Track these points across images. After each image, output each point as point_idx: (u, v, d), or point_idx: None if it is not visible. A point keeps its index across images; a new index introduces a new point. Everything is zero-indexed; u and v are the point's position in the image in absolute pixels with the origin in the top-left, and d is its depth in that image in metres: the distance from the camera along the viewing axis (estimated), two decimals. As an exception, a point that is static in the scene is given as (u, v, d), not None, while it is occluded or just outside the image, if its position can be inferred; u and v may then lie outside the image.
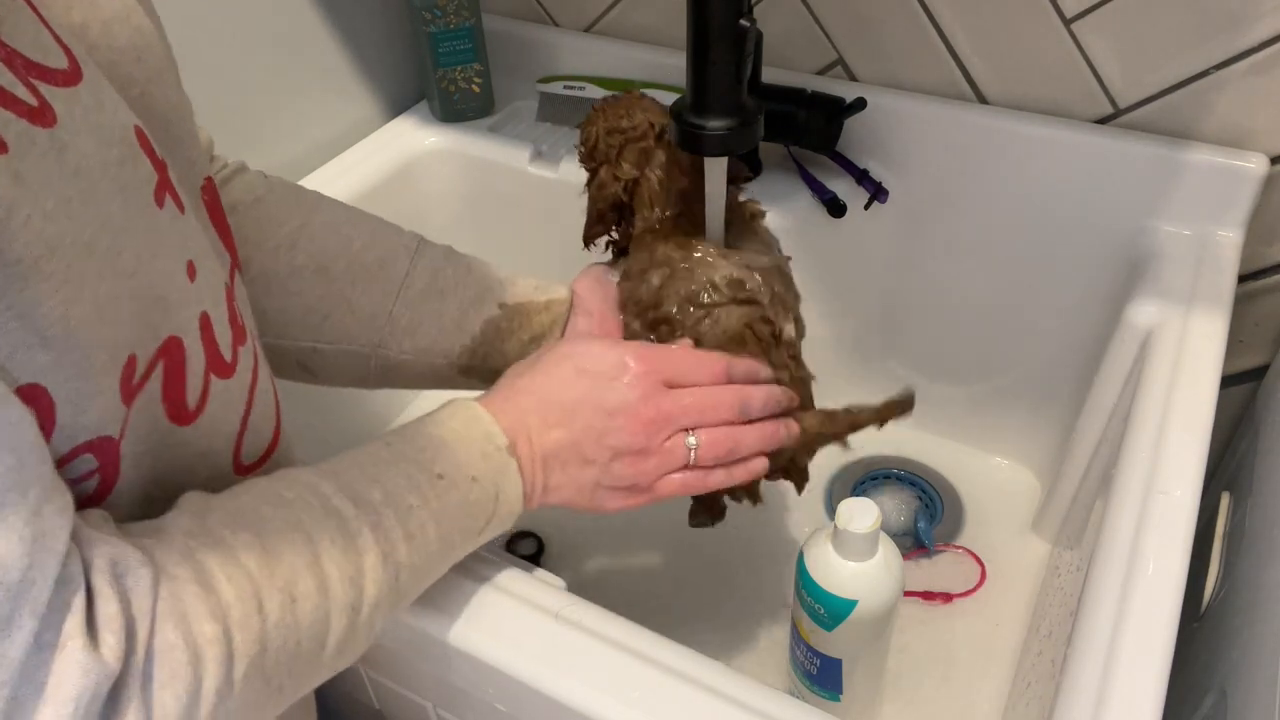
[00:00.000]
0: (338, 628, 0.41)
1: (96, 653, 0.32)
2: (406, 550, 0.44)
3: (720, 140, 0.56)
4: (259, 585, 0.38)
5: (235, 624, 0.36)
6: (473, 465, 0.48)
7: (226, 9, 0.82)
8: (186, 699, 0.34)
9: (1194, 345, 0.66)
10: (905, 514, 0.90)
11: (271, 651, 0.38)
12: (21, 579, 0.30)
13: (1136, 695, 0.47)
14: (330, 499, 0.42)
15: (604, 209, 0.64)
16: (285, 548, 0.39)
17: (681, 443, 0.53)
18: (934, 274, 0.89)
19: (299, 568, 0.39)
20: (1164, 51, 0.74)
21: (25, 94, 0.33)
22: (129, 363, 0.37)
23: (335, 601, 0.41)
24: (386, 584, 0.43)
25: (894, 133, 0.84)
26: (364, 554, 0.42)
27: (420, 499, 0.45)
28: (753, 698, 0.48)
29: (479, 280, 0.62)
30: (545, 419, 0.51)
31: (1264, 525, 0.63)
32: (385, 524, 0.43)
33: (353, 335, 0.60)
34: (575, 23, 0.99)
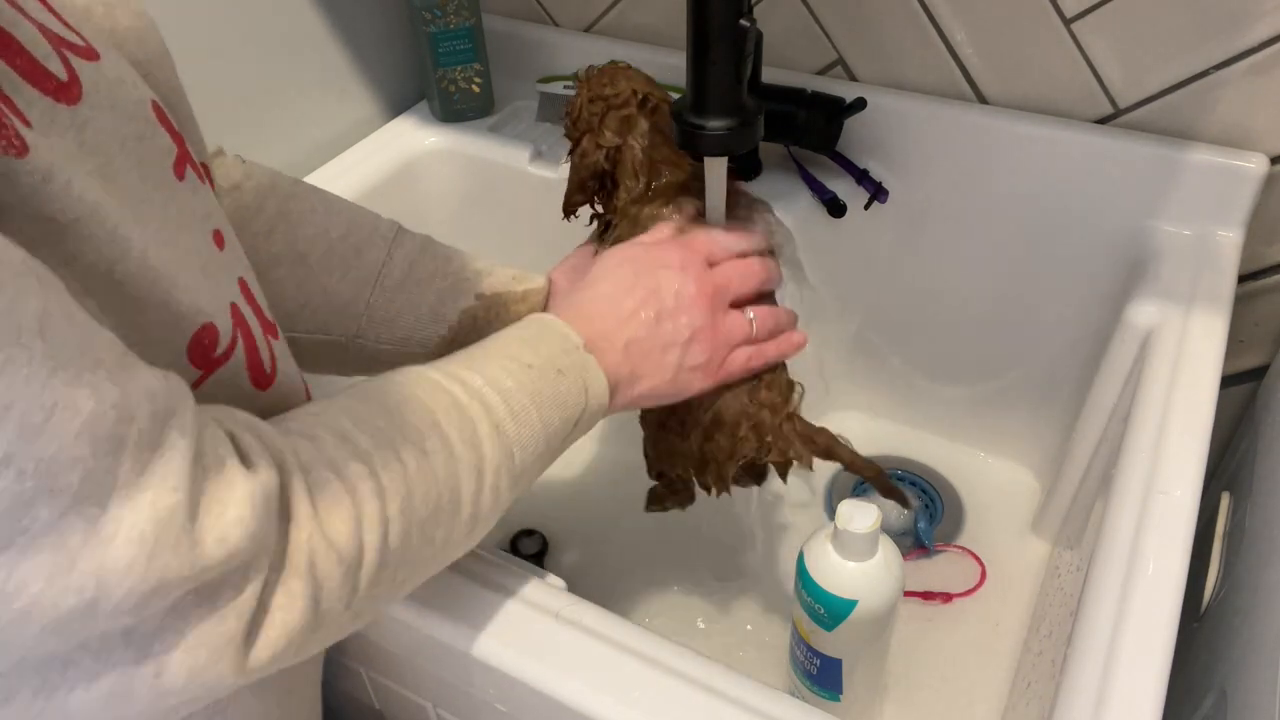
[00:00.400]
0: (469, 487, 0.44)
1: (252, 470, 0.35)
2: (514, 427, 0.47)
3: (720, 140, 0.56)
4: (393, 438, 0.41)
5: (379, 466, 0.40)
6: (556, 360, 0.50)
7: (226, 9, 0.82)
8: (353, 522, 0.38)
9: (1194, 345, 0.66)
10: (905, 514, 0.90)
11: (418, 497, 0.41)
12: (167, 407, 0.32)
13: (1136, 695, 0.47)
14: (439, 380, 0.46)
15: (585, 177, 0.64)
16: (407, 412, 0.43)
17: (741, 317, 0.58)
18: (934, 274, 0.89)
19: (423, 428, 0.43)
20: (1164, 51, 0.74)
21: (58, 66, 0.34)
22: (205, 330, 0.39)
23: (461, 461, 0.44)
24: (503, 452, 0.46)
25: (894, 133, 0.84)
26: (477, 422, 0.45)
27: (517, 383, 0.48)
28: (753, 698, 0.48)
29: (456, 270, 0.62)
30: (620, 316, 0.55)
31: (1264, 525, 0.63)
32: (490, 401, 0.46)
33: (330, 325, 0.60)
34: (575, 23, 0.99)
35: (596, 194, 0.65)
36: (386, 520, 0.39)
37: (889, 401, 0.98)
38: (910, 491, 0.93)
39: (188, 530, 0.32)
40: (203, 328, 0.39)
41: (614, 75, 0.63)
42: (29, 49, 0.33)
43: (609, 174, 0.63)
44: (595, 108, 0.62)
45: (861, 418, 0.99)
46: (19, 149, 0.31)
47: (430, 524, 0.42)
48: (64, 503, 0.29)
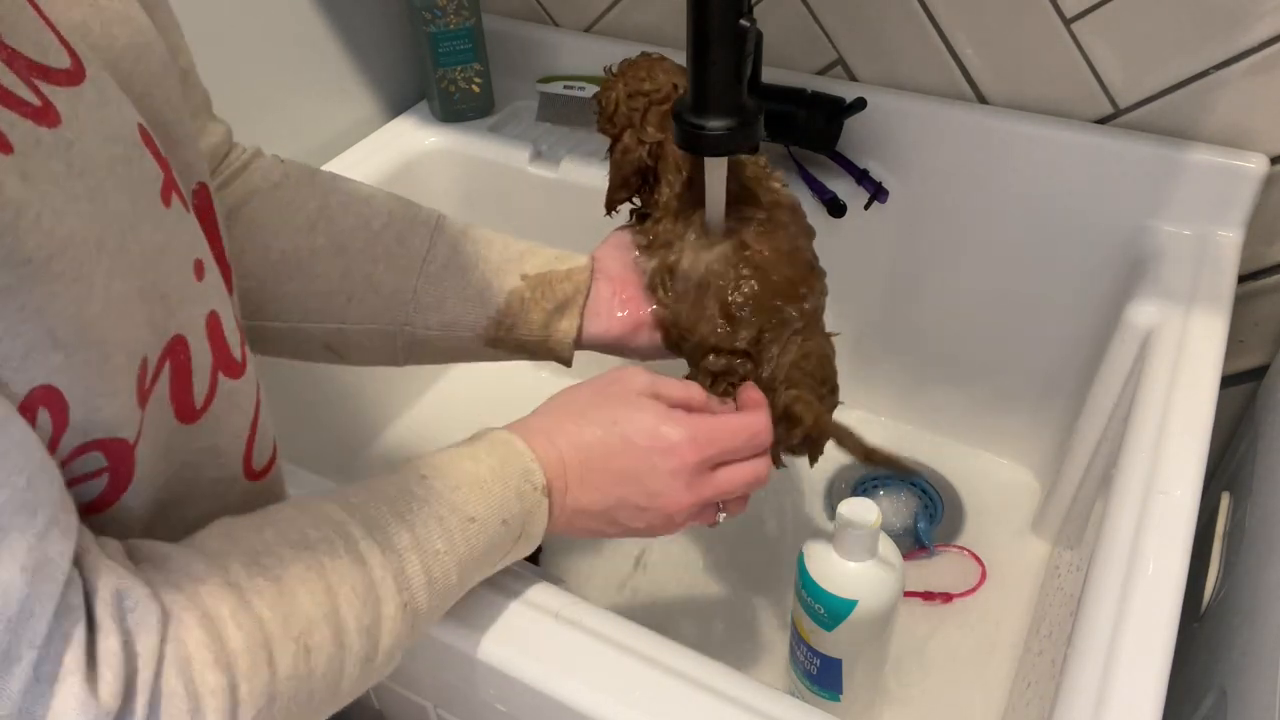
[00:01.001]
0: (351, 675, 0.41)
1: (94, 690, 0.31)
2: (426, 596, 0.44)
3: (720, 140, 0.56)
4: (271, 635, 0.37)
5: (242, 675, 0.35)
6: (506, 506, 0.48)
7: (227, 10, 0.82)
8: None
9: (1194, 345, 0.66)
10: (905, 514, 0.90)
11: (281, 702, 0.37)
12: (20, 610, 0.29)
13: (1136, 695, 0.47)
14: (358, 543, 0.41)
15: (629, 174, 0.63)
16: (304, 596, 0.38)
17: (713, 514, 0.56)
18: (934, 274, 0.89)
19: (316, 618, 0.38)
20: (1164, 51, 0.74)
21: (28, 94, 0.33)
22: (142, 365, 0.37)
23: (350, 652, 0.40)
24: (403, 632, 0.43)
25: (894, 133, 0.84)
26: (384, 604, 0.41)
27: (448, 545, 0.45)
28: (753, 698, 0.48)
29: (500, 252, 0.62)
30: (584, 479, 0.51)
31: (1264, 525, 0.63)
32: (409, 571, 0.43)
33: (377, 314, 0.59)
34: (575, 23, 0.99)
35: (639, 190, 0.64)
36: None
37: (889, 401, 0.98)
38: (910, 491, 0.92)
39: None
40: (142, 363, 0.37)
41: (651, 69, 0.62)
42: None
43: (651, 169, 0.62)
44: (635, 103, 0.61)
45: (861, 418, 0.99)
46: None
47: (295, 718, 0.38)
48: None
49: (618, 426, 0.52)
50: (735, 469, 0.54)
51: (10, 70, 0.33)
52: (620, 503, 0.52)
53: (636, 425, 0.52)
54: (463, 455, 0.48)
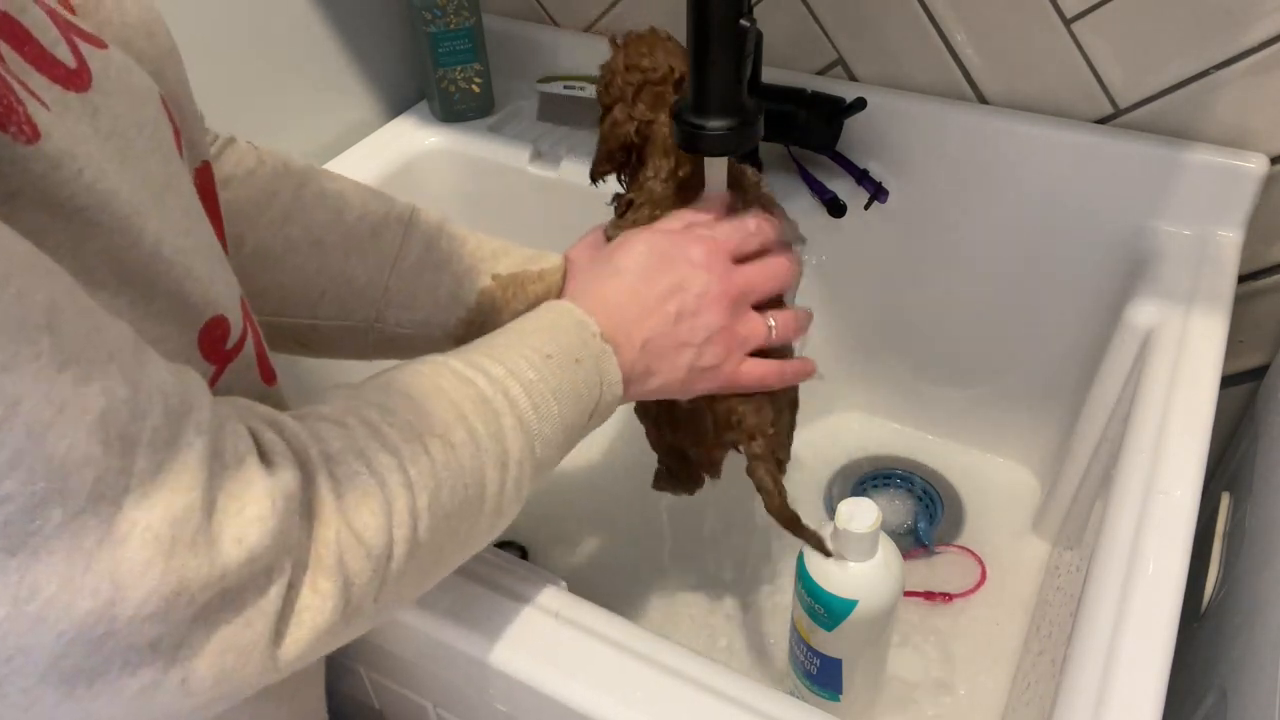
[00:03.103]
0: (493, 480, 0.44)
1: (271, 468, 0.34)
2: (536, 420, 0.47)
3: (720, 140, 0.56)
4: (421, 431, 0.41)
5: (408, 459, 0.39)
6: (574, 349, 0.50)
7: (227, 9, 0.82)
8: (383, 517, 0.37)
9: (1194, 345, 0.66)
10: (905, 514, 0.90)
11: (445, 490, 0.41)
12: (182, 402, 0.32)
13: (1136, 695, 0.47)
14: (463, 371, 0.45)
15: (613, 148, 0.62)
16: (433, 405, 0.42)
17: (761, 323, 0.57)
18: (934, 274, 0.89)
19: (450, 420, 0.42)
20: (1164, 52, 0.74)
21: (65, 53, 0.34)
22: (216, 322, 0.39)
23: (486, 453, 0.43)
24: (525, 445, 0.46)
25: (894, 133, 0.84)
26: (501, 415, 0.45)
27: (538, 375, 0.47)
28: (753, 698, 0.48)
29: (473, 251, 0.62)
30: (640, 309, 0.54)
31: (1264, 525, 0.63)
32: (513, 394, 0.46)
33: (350, 310, 0.60)
34: (575, 23, 0.99)
35: (623, 167, 0.63)
36: (416, 514, 0.39)
37: (889, 401, 0.98)
38: (910, 491, 0.93)
39: (204, 530, 0.31)
40: (213, 320, 0.38)
41: (653, 46, 0.61)
42: (37, 36, 0.33)
43: (638, 149, 0.61)
44: (631, 77, 0.60)
45: (861, 418, 0.99)
46: (29, 135, 0.30)
47: (456, 517, 0.42)
48: (77, 503, 0.28)
49: (648, 256, 0.55)
50: (757, 264, 0.57)
51: (53, 25, 0.34)
52: (678, 314, 0.54)
53: (658, 239, 0.56)
54: (521, 320, 0.52)
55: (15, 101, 0.30)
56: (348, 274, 0.59)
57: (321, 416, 0.39)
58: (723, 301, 0.55)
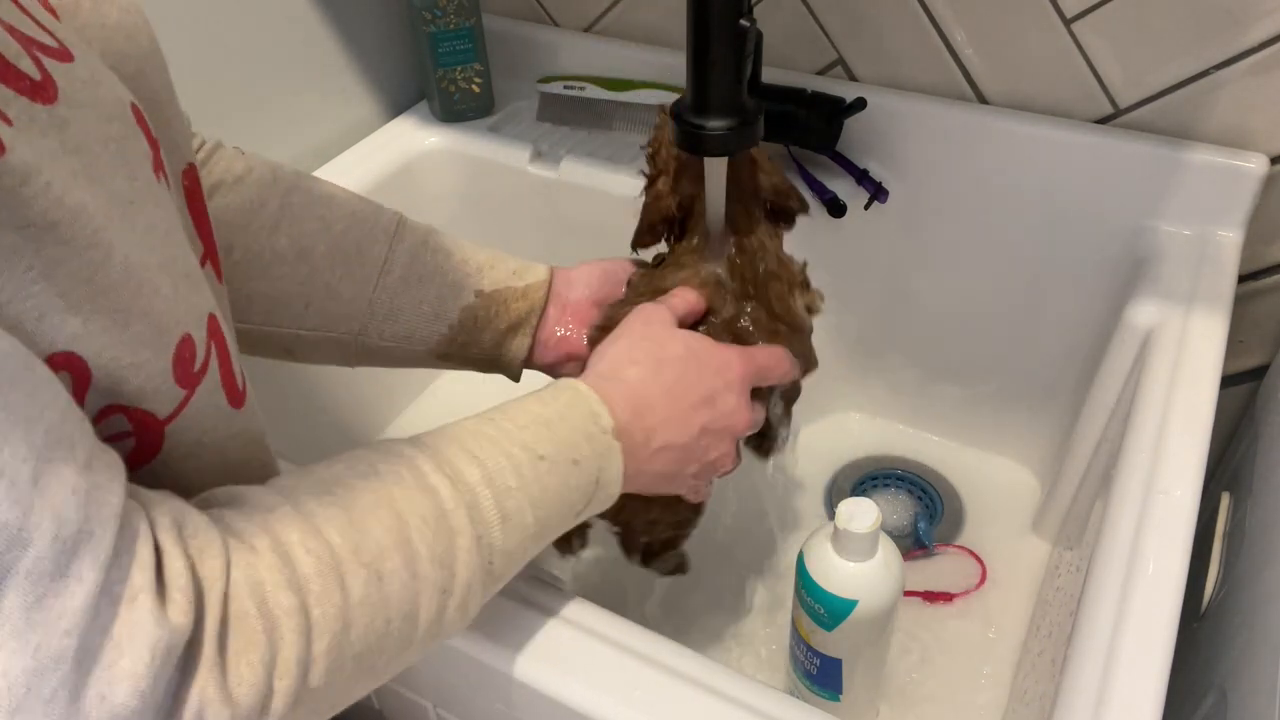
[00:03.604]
0: (429, 608, 0.40)
1: (165, 610, 0.31)
2: (501, 536, 0.43)
3: (720, 140, 0.56)
4: (341, 560, 0.37)
5: (314, 598, 0.35)
6: (576, 448, 0.47)
7: (227, 9, 0.82)
8: (262, 669, 0.33)
9: (1194, 345, 0.66)
10: (905, 514, 0.90)
11: (357, 629, 0.37)
12: (79, 530, 0.29)
13: (1136, 695, 0.47)
14: (427, 476, 0.41)
15: (655, 221, 0.62)
16: (373, 524, 0.38)
17: (733, 454, 0.56)
18: (934, 274, 0.89)
19: (387, 546, 0.38)
20: (1164, 51, 0.74)
21: (29, 66, 0.32)
22: (184, 342, 0.36)
23: (425, 581, 0.40)
24: (480, 567, 0.42)
25: (894, 133, 0.84)
26: (457, 535, 0.41)
27: (519, 481, 0.44)
28: (753, 698, 0.48)
29: (458, 266, 0.62)
30: (670, 410, 0.51)
31: (1264, 525, 0.63)
32: (480, 506, 0.42)
33: (334, 322, 0.60)
34: (575, 23, 0.99)
35: (664, 238, 0.63)
36: (308, 662, 0.35)
37: (889, 401, 0.98)
38: (910, 491, 0.93)
39: (67, 684, 0.28)
40: (183, 339, 0.36)
41: None
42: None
43: (679, 221, 0.61)
44: (676, 151, 0.59)
45: (861, 418, 0.99)
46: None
47: (372, 653, 0.38)
48: None
49: (689, 361, 0.53)
50: (759, 404, 0.56)
51: (13, 40, 0.32)
52: (703, 430, 0.52)
53: (700, 345, 0.54)
54: (530, 399, 0.48)
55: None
56: (333, 286, 0.59)
57: (238, 531, 0.35)
58: (737, 429, 0.54)
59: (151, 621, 0.30)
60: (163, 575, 0.31)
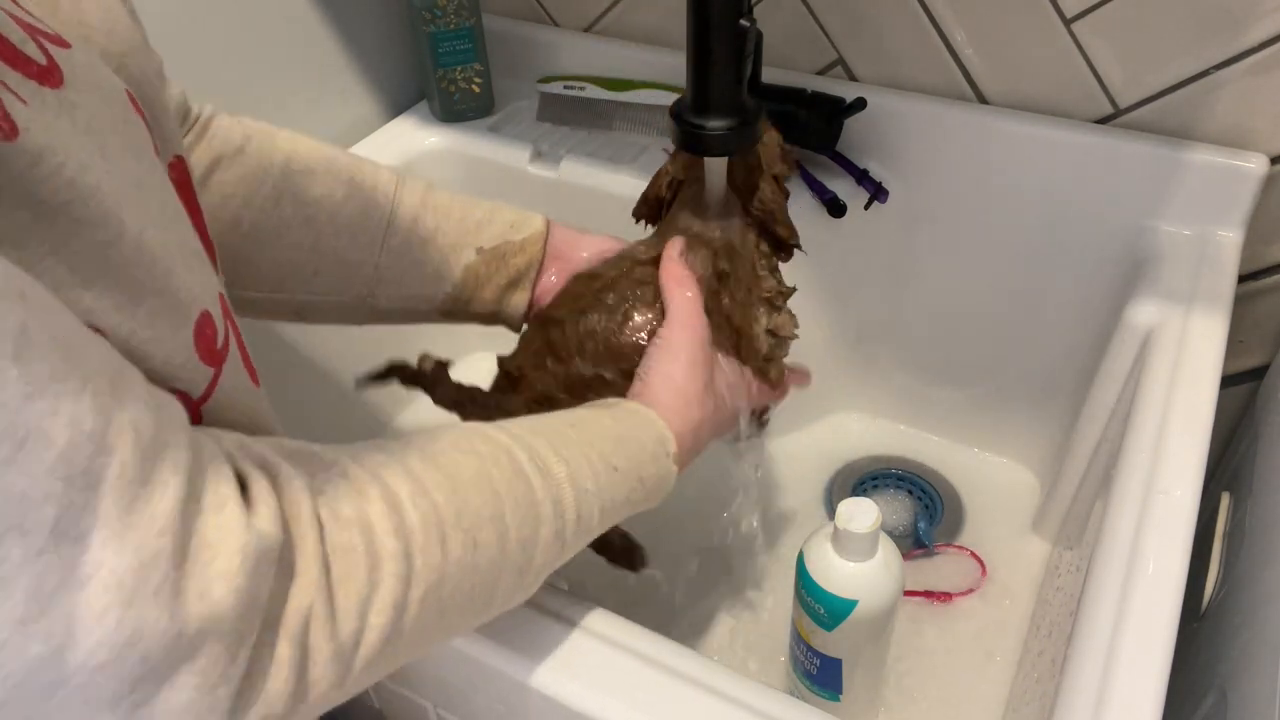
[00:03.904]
0: (506, 584, 0.42)
1: (251, 518, 0.32)
2: (574, 530, 0.46)
3: (720, 140, 0.56)
4: (444, 521, 0.39)
5: (418, 548, 0.37)
6: (643, 467, 0.50)
7: (226, 9, 0.82)
8: (360, 603, 0.35)
9: (1194, 345, 0.66)
10: (905, 514, 0.90)
11: (449, 586, 0.39)
12: (155, 438, 0.30)
13: (1136, 695, 0.47)
14: (522, 465, 0.43)
15: (649, 196, 0.64)
16: (473, 495, 0.40)
17: None
18: (934, 274, 0.89)
19: (484, 518, 0.41)
20: (1164, 51, 0.74)
21: (35, 51, 0.33)
22: (204, 319, 0.37)
23: (509, 559, 0.42)
24: (553, 556, 0.45)
25: (894, 133, 0.84)
26: (541, 524, 0.43)
27: (595, 486, 0.46)
28: (753, 698, 0.48)
29: (457, 223, 0.62)
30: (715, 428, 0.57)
31: (1264, 525, 0.63)
32: (563, 504, 0.45)
33: (342, 288, 0.60)
34: (575, 23, 0.99)
35: (655, 216, 0.65)
36: (404, 606, 0.37)
37: (889, 401, 0.98)
38: (910, 491, 0.93)
39: (170, 580, 0.29)
40: (202, 317, 0.37)
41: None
42: (4, 34, 0.32)
43: (668, 203, 0.64)
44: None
45: (861, 418, 0.99)
46: (7, 132, 0.30)
47: (451, 613, 0.40)
48: (37, 542, 0.26)
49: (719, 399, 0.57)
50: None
51: (16, 25, 0.33)
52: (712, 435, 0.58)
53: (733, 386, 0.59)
54: (603, 414, 0.51)
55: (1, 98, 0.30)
56: (339, 253, 0.59)
57: (345, 474, 0.37)
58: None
59: (240, 526, 0.31)
60: (246, 490, 0.33)
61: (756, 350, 0.61)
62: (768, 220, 0.61)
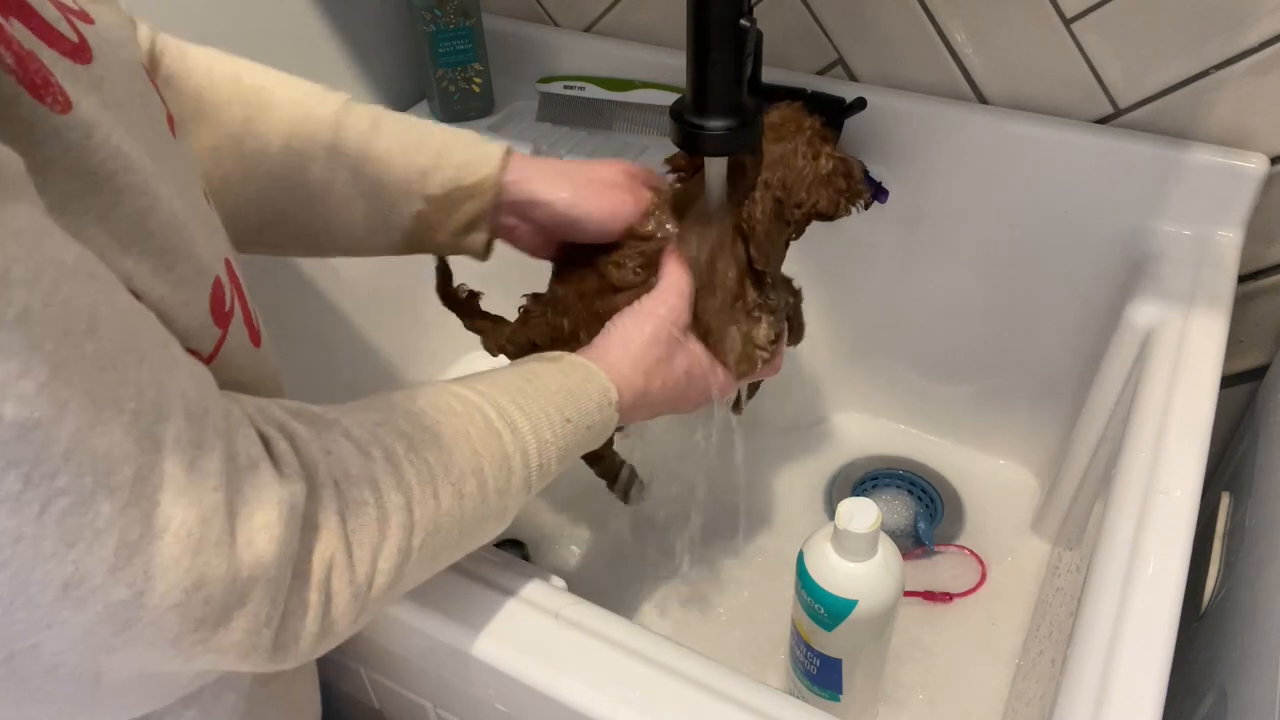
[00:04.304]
0: (484, 530, 0.48)
1: (283, 479, 0.35)
2: (538, 478, 0.50)
3: (720, 140, 0.56)
4: (436, 476, 0.43)
5: (416, 501, 0.41)
6: (589, 416, 0.53)
7: (226, 9, 0.82)
8: (373, 550, 0.39)
9: (1194, 345, 0.66)
10: (905, 514, 0.90)
11: (441, 533, 0.43)
12: (199, 404, 0.33)
13: (1136, 695, 0.47)
14: (493, 421, 0.47)
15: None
16: (457, 450, 0.45)
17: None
18: (934, 274, 0.89)
19: (467, 471, 0.45)
20: (1164, 52, 0.74)
21: (67, 29, 0.35)
22: (216, 284, 0.40)
23: (489, 507, 0.46)
24: (522, 498, 0.49)
25: (894, 133, 0.84)
26: (513, 474, 0.48)
27: (553, 436, 0.50)
28: (753, 698, 0.48)
29: (400, 174, 0.61)
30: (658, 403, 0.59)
31: (1264, 525, 0.63)
32: (529, 452, 0.49)
33: (294, 241, 0.62)
34: (575, 23, 0.99)
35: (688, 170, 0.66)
36: (407, 552, 0.41)
37: (889, 401, 0.98)
38: (910, 491, 0.93)
39: (227, 530, 0.33)
40: (216, 282, 0.40)
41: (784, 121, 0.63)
42: (40, 13, 0.34)
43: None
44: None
45: (861, 418, 0.99)
46: (63, 105, 0.32)
47: (442, 553, 0.45)
48: (123, 497, 0.30)
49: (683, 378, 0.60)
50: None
51: (49, 3, 0.35)
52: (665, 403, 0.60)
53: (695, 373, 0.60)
54: (553, 370, 0.54)
55: (47, 73, 0.32)
56: (281, 208, 0.59)
57: (348, 434, 0.40)
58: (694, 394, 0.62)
59: (275, 483, 0.35)
60: (270, 451, 0.36)
61: (728, 350, 0.62)
62: (748, 235, 0.60)
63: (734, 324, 0.62)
